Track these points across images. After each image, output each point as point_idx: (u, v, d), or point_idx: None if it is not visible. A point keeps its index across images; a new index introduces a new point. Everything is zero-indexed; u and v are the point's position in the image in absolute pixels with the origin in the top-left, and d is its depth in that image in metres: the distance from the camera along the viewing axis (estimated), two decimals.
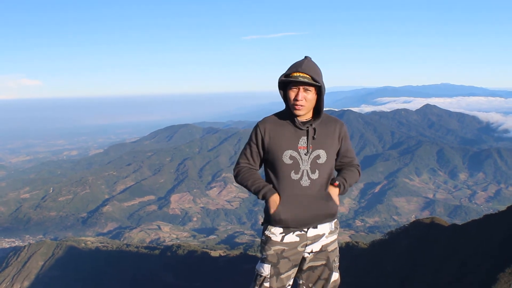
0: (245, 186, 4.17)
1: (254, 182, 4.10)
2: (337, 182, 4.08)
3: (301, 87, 3.81)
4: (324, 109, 4.00)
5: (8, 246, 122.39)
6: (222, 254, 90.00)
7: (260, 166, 4.24)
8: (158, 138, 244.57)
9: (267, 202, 4.07)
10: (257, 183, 4.10)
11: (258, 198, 4.10)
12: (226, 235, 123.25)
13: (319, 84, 3.80)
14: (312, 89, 3.83)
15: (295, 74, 3.77)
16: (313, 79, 3.76)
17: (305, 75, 3.74)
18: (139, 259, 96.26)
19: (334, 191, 4.09)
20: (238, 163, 4.27)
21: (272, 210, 3.99)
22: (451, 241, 60.97)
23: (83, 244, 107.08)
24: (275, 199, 4.00)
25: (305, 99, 3.83)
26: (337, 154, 4.18)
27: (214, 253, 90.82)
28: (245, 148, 4.23)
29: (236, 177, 4.26)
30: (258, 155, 4.14)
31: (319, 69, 3.88)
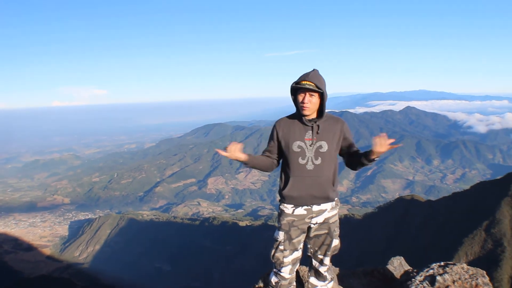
0: None
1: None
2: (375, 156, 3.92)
3: (307, 93, 3.89)
4: (327, 110, 4.04)
5: (83, 218, 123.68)
6: (248, 224, 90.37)
7: (278, 155, 4.28)
8: (197, 134, 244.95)
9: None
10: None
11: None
12: (251, 209, 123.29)
13: (322, 91, 3.86)
14: (316, 94, 3.90)
15: (303, 82, 3.86)
16: (317, 86, 3.83)
17: (311, 83, 3.82)
18: (184, 228, 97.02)
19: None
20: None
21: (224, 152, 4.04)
22: (427, 213, 60.72)
23: (140, 217, 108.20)
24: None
25: (310, 102, 3.90)
26: (345, 146, 4.20)
27: (241, 223, 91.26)
28: (268, 141, 4.32)
29: None
30: (274, 146, 4.21)
31: (323, 79, 3.94)
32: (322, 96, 3.92)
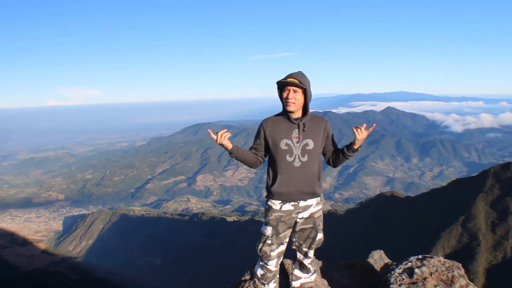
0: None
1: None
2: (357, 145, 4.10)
3: (291, 89, 3.96)
4: (311, 110, 4.08)
5: (77, 214, 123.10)
6: (235, 219, 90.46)
7: (264, 152, 4.30)
8: (187, 133, 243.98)
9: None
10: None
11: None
12: (238, 205, 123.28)
13: (305, 87, 3.91)
14: (299, 90, 3.96)
15: (288, 79, 3.92)
16: (300, 82, 3.90)
17: (294, 80, 3.91)
18: (173, 223, 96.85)
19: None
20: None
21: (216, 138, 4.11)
22: (406, 209, 61.09)
23: (132, 212, 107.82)
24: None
25: (294, 98, 3.95)
26: (327, 144, 4.27)
27: (229, 219, 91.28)
28: (254, 139, 4.34)
29: None
30: (260, 144, 4.23)
31: (306, 77, 4.01)
32: (306, 93, 3.97)
